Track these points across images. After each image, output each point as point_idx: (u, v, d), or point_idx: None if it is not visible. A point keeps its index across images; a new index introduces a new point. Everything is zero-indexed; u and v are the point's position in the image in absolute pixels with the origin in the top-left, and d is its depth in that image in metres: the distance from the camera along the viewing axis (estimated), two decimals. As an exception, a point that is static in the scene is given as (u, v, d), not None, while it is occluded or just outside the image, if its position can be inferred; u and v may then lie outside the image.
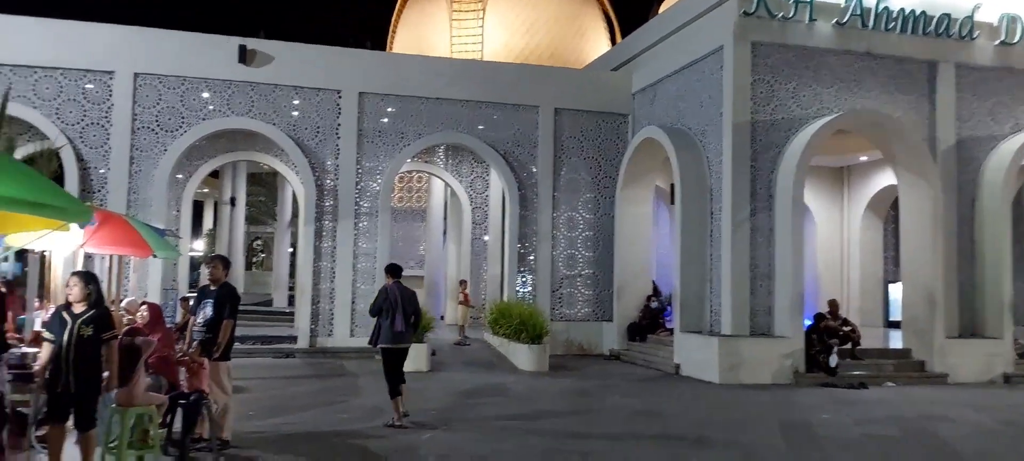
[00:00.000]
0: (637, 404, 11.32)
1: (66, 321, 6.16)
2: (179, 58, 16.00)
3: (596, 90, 18.74)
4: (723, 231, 14.65)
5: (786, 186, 14.25)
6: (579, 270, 18.30)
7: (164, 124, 15.89)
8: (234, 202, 25.97)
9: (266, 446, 7.87)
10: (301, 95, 16.70)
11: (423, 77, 17.61)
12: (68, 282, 6.37)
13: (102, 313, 6.31)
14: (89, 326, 6.13)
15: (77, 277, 6.38)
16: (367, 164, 17.02)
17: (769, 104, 14.69)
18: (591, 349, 17.91)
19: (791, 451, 8.37)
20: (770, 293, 14.45)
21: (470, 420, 9.68)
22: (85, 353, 6.10)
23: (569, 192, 18.29)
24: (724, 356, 13.69)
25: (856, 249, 20.84)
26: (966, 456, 8.31)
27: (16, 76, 15.09)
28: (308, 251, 16.54)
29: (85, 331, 6.11)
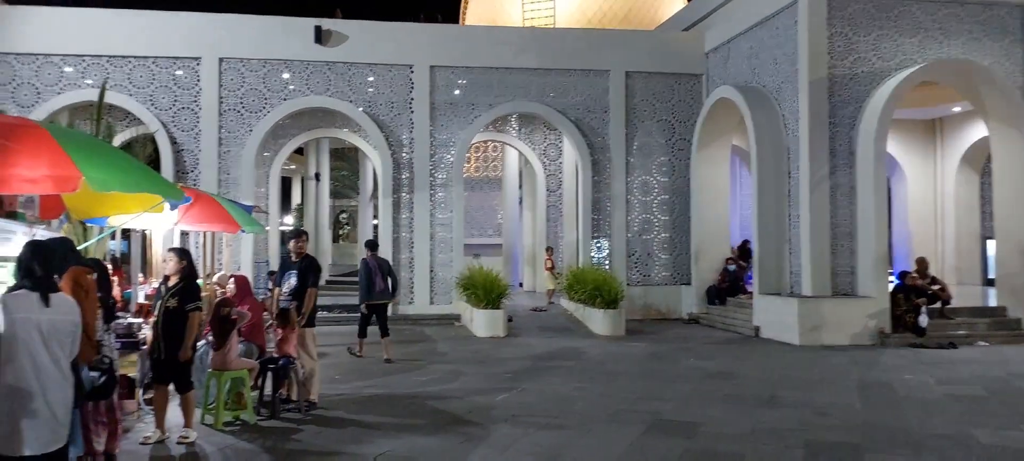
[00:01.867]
0: (712, 366, 11.31)
1: (161, 294, 6.79)
2: (260, 42, 16.65)
3: (668, 51, 18.48)
4: (801, 190, 14.34)
5: (867, 142, 13.80)
6: (655, 234, 18.24)
7: (248, 106, 16.61)
8: (318, 177, 26.85)
9: (350, 407, 8.31)
10: (375, 72, 17.14)
11: (492, 48, 17.77)
12: (165, 257, 6.97)
13: (187, 286, 6.79)
14: (175, 298, 6.67)
15: (172, 252, 6.97)
16: (440, 136, 17.36)
17: (847, 58, 14.20)
18: (669, 313, 17.89)
19: (866, 410, 8.25)
20: (852, 252, 14.11)
21: (543, 382, 9.90)
22: (171, 322, 6.64)
23: (643, 156, 18.18)
24: (804, 317, 13.48)
25: (950, 205, 19.89)
26: (1055, 414, 8.01)
27: (113, 67, 16.07)
28: (388, 223, 17.08)
29: (171, 302, 6.66)
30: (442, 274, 17.17)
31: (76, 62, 15.98)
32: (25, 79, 15.80)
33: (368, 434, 7.07)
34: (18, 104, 15.59)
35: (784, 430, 7.30)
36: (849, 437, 7.07)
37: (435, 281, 17.11)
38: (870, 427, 7.44)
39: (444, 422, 7.57)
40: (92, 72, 16.00)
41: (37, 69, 15.84)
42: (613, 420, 7.71)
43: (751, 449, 6.64)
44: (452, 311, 16.81)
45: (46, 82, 15.87)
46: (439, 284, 17.13)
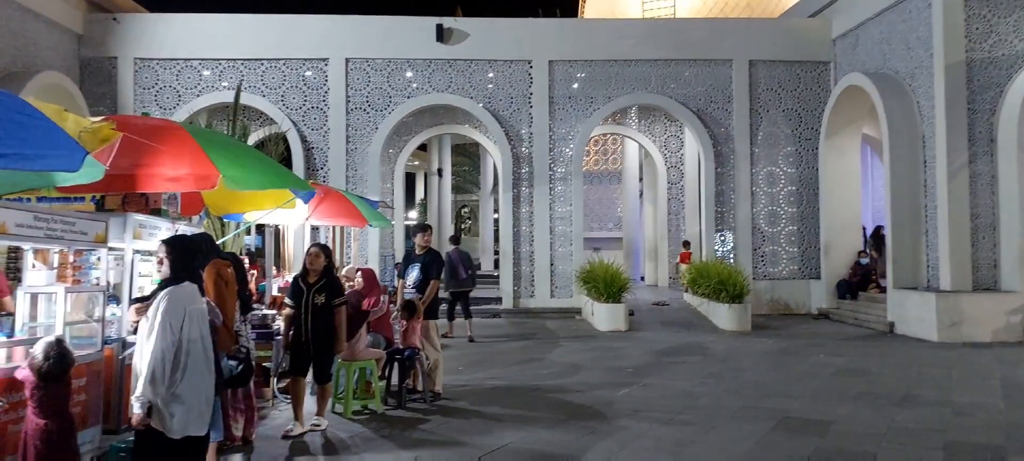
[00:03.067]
0: (843, 363, 10.99)
1: (302, 290, 6.97)
2: (383, 41, 17.38)
3: (793, 39, 17.93)
4: (938, 180, 13.63)
5: (1009, 128, 12.99)
6: (782, 227, 17.77)
7: (373, 104, 17.39)
8: (441, 173, 27.69)
9: (473, 398, 8.65)
10: (494, 68, 17.54)
11: (610, 40, 17.80)
12: (309, 251, 7.14)
13: (333, 282, 7.07)
14: (322, 294, 6.91)
15: (318, 248, 7.15)
16: (559, 130, 17.58)
17: (987, 40, 13.37)
18: (797, 308, 17.42)
19: (1010, 410, 7.84)
20: (995, 245, 13.31)
21: (666, 378, 9.94)
22: (319, 317, 6.90)
23: (768, 146, 17.75)
24: (943, 313, 12.85)
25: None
26: None
27: (247, 69, 17.19)
28: (508, 217, 17.46)
29: (318, 299, 6.90)
30: (562, 268, 17.41)
31: (213, 66, 17.17)
32: (167, 83, 17.13)
33: (492, 425, 7.33)
34: (160, 106, 16.92)
35: (921, 430, 7.07)
36: (991, 438, 6.77)
37: (555, 274, 17.37)
38: (1015, 428, 7.09)
39: (566, 415, 7.76)
40: (228, 75, 17.15)
41: (177, 73, 17.13)
42: (738, 417, 7.69)
43: (885, 449, 6.48)
44: (573, 305, 17.01)
45: (186, 85, 17.13)
46: (559, 278, 17.38)
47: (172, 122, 6.47)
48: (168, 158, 5.13)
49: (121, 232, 5.71)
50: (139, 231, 5.89)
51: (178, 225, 6.41)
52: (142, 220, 5.96)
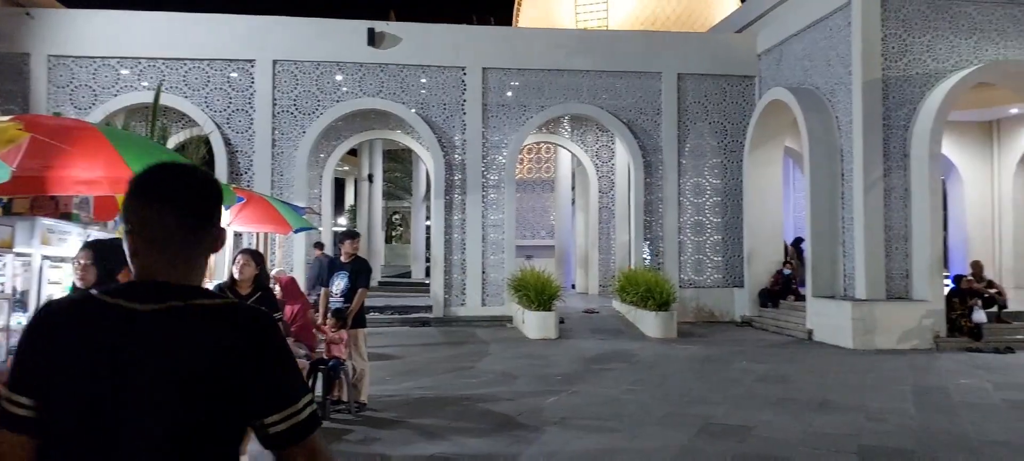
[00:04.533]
0: (764, 370, 11.29)
1: None
2: (313, 44, 17.08)
3: (720, 53, 18.41)
4: (855, 193, 14.18)
5: (922, 144, 13.61)
6: (708, 236, 18.18)
7: (302, 107, 17.06)
8: (371, 179, 27.38)
9: (400, 408, 8.53)
10: (427, 73, 17.44)
11: (544, 49, 17.93)
12: (237, 258, 6.34)
13: (267, 294, 6.30)
14: None
15: (248, 256, 6.32)
16: (492, 138, 17.59)
17: (902, 59, 14.00)
18: (721, 316, 17.83)
19: (920, 415, 8.19)
20: (907, 256, 13.90)
21: (594, 385, 10.02)
22: None
23: (695, 158, 18.14)
24: (858, 321, 13.34)
25: (1008, 207, 19.42)
26: (1118, 425, 7.85)
27: (168, 69, 16.63)
28: (440, 224, 17.36)
29: None
30: (494, 275, 17.40)
31: (132, 64, 16.52)
32: (82, 81, 16.40)
33: (418, 436, 7.25)
34: (75, 106, 16.18)
35: (837, 435, 7.30)
36: (903, 443, 7.05)
37: (487, 283, 17.34)
38: (925, 433, 7.40)
39: (494, 424, 7.74)
40: (148, 74, 16.52)
41: (94, 71, 16.43)
42: (664, 423, 7.80)
43: (802, 454, 6.68)
44: (504, 313, 17.02)
45: (103, 84, 16.45)
46: (491, 286, 17.36)
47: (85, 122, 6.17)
48: (80, 160, 4.91)
49: (29, 237, 5.44)
50: (48, 236, 5.62)
51: (90, 230, 6.13)
52: (51, 225, 5.69)
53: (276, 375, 1.60)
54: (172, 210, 1.62)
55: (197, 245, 1.66)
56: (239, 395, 1.55)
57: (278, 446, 1.60)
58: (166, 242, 1.62)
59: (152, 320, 1.55)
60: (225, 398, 1.54)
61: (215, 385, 1.53)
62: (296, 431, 1.60)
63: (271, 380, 1.59)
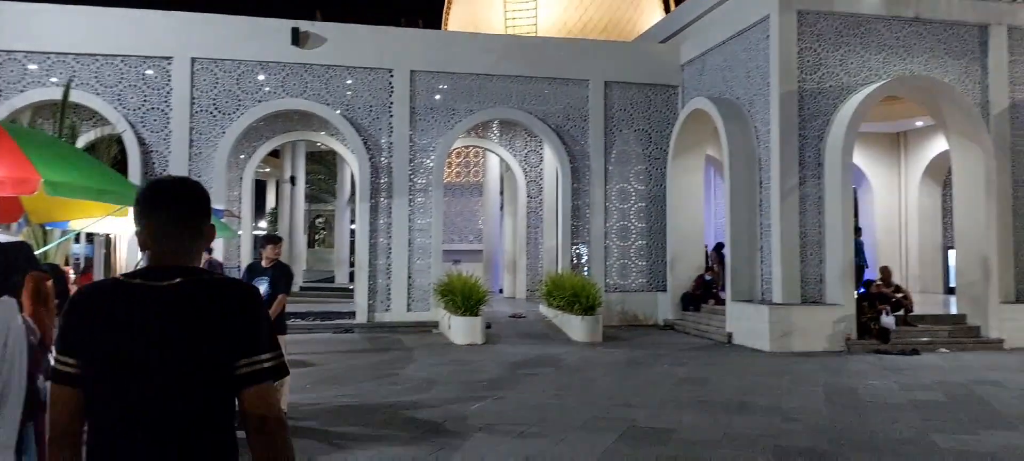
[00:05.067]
0: (686, 372, 11.53)
1: None
2: (234, 42, 16.62)
3: (645, 62, 18.76)
4: (772, 200, 14.64)
5: (834, 154, 14.16)
6: (633, 241, 18.48)
7: (221, 107, 16.56)
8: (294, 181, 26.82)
9: (322, 417, 8.36)
10: (354, 75, 17.19)
11: (473, 54, 17.91)
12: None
13: None
14: None
15: None
16: (420, 141, 17.45)
17: (816, 72, 14.55)
18: (645, 320, 18.13)
19: (831, 415, 8.50)
20: (821, 261, 14.43)
21: (519, 390, 10.04)
22: None
23: (621, 164, 18.42)
24: (775, 324, 13.76)
25: (914, 215, 20.46)
26: (1008, 418, 8.31)
27: (79, 65, 15.90)
28: (365, 228, 17.10)
29: None
30: (420, 280, 17.24)
31: (41, 59, 15.73)
32: (-14, 76, 15.57)
33: (340, 445, 7.11)
34: (-22, 102, 15.35)
35: (754, 436, 7.50)
36: (816, 442, 7.29)
37: (413, 288, 17.17)
38: (836, 432, 7.68)
39: (418, 432, 7.66)
40: (57, 70, 15.75)
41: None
42: (587, 428, 7.86)
43: (722, 455, 6.83)
44: (430, 318, 16.87)
45: (8, 79, 15.59)
46: (417, 291, 17.20)
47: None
48: (-18, 159, 4.65)
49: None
50: (-60, 238, 5.26)
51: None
52: (-56, 226, 5.34)
53: (249, 331, 2.09)
54: (170, 214, 2.17)
55: (192, 238, 2.20)
56: (223, 342, 2.05)
57: (240, 386, 2.07)
58: (168, 237, 2.16)
59: (167, 292, 2.08)
60: (216, 345, 2.05)
61: (211, 337, 2.05)
62: (255, 376, 2.07)
63: (244, 333, 2.08)
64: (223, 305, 2.09)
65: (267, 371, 2.09)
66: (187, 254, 2.18)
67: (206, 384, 2.05)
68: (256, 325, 2.12)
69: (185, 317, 2.05)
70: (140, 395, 2.01)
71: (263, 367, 2.08)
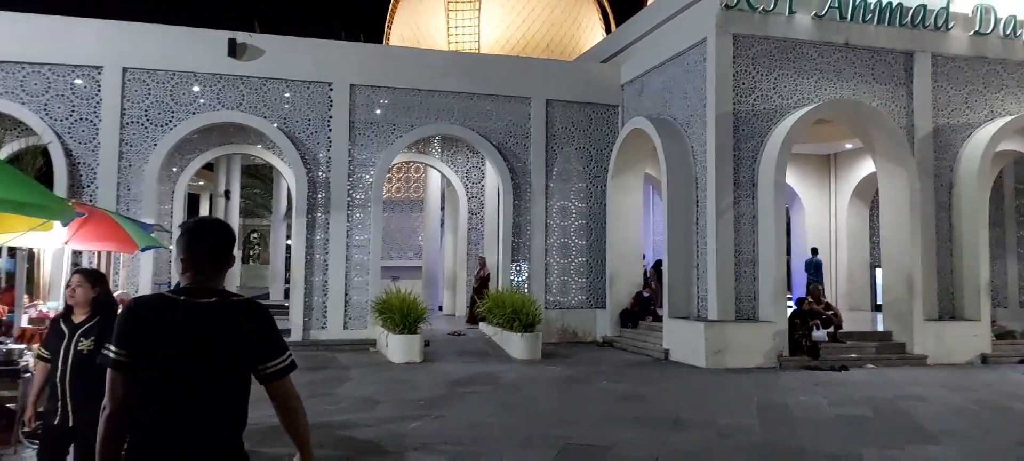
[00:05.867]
0: (623, 389, 11.61)
1: (64, 333, 4.84)
2: (168, 52, 16.17)
3: (587, 82, 18.97)
4: (708, 219, 14.91)
5: (768, 174, 14.51)
6: (573, 258, 18.57)
7: (153, 119, 16.09)
8: (228, 195, 26.19)
9: (254, 438, 8.04)
10: (292, 88, 16.91)
11: (415, 69, 17.82)
12: (70, 281, 5.13)
13: (106, 323, 4.77)
14: (89, 338, 4.78)
15: (82, 276, 5.10)
16: (360, 156, 17.24)
17: (751, 95, 14.93)
18: (584, 336, 18.20)
19: (764, 430, 8.66)
20: (755, 279, 14.73)
21: (458, 409, 9.94)
22: (85, 374, 4.66)
23: (562, 181, 18.53)
24: (710, 341, 13.97)
25: (843, 234, 21.14)
26: (932, 433, 8.59)
27: (3, 73, 15.24)
28: (301, 244, 16.77)
29: (84, 345, 4.77)
30: (357, 298, 16.97)
31: (-39, 67, 15.07)
32: (-98, 84, 14.79)
33: (276, 463, 6.93)
34: None
35: (689, 452, 7.58)
36: (748, 458, 7.40)
37: (350, 305, 16.88)
38: (767, 447, 7.81)
39: (354, 452, 7.51)
40: (-22, 78, 15.11)
41: (-85, 73, 14.85)
42: (525, 446, 7.83)
43: (656, 473, 6.86)
44: (367, 336, 16.61)
45: (-74, 87, 14.89)
46: (354, 308, 16.91)
47: None
48: None
49: None
50: None
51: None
52: None
53: (271, 339, 2.89)
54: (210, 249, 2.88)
55: (222, 266, 2.93)
56: (251, 349, 2.83)
57: (270, 381, 2.87)
58: (205, 265, 2.87)
59: (204, 309, 2.79)
60: (244, 352, 2.81)
61: (239, 345, 2.79)
62: (281, 372, 2.89)
63: (268, 341, 2.88)
64: (251, 321, 2.85)
65: (288, 367, 2.91)
66: (219, 279, 2.91)
67: (230, 378, 2.79)
68: (276, 335, 2.91)
69: (221, 329, 2.78)
70: (182, 385, 2.73)
71: (285, 365, 2.91)
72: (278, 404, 2.91)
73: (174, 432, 2.71)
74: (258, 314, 2.87)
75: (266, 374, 2.84)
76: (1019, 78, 16.52)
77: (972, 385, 12.10)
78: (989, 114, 16.22)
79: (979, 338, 15.06)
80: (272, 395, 2.89)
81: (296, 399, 2.94)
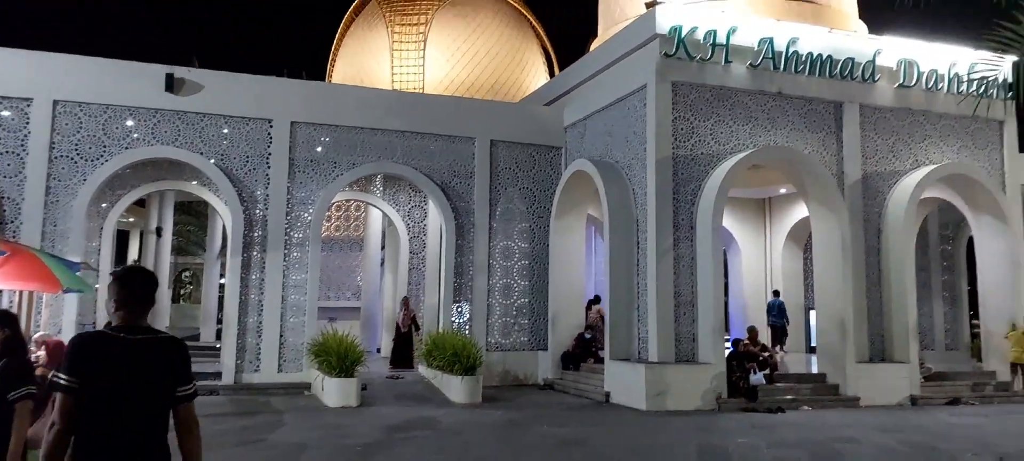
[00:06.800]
0: (564, 434, 11.50)
1: None
2: (102, 85, 15.72)
3: (531, 123, 19.11)
4: (649, 261, 15.05)
5: (706, 218, 14.78)
6: (515, 299, 18.49)
7: (84, 153, 15.56)
8: (160, 232, 25.39)
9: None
10: (231, 124, 16.57)
11: (358, 107, 17.69)
12: None
13: (13, 365, 4.86)
14: None
15: None
16: (299, 194, 16.94)
17: (689, 140, 15.24)
18: (526, 379, 18.06)
19: (703, 477, 8.66)
20: (694, 320, 14.88)
21: (394, 456, 9.70)
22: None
23: (505, 222, 18.52)
24: (650, 383, 14.00)
25: (779, 277, 21.60)
26: (867, 478, 8.72)
27: (-75, 103, 14.60)
28: (235, 283, 16.29)
29: None
30: (293, 340, 16.52)
31: None
32: None
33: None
34: None
35: (627, 500, 7.50)
36: (687, 505, 7.36)
37: (285, 347, 16.40)
38: (706, 495, 7.79)
39: (286, 500, 7.21)
40: None
41: None
42: (462, 493, 7.64)
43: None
44: (303, 379, 16.15)
45: None
46: (289, 350, 16.45)
47: None
48: None
49: None
50: None
51: None
52: None
53: (186, 369, 3.55)
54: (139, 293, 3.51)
55: (148, 307, 3.56)
56: (172, 375, 3.45)
57: (179, 403, 3.48)
58: (136, 306, 3.49)
59: (138, 344, 3.41)
60: (168, 379, 3.44)
61: (166, 374, 3.44)
62: (190, 396, 3.53)
63: (185, 370, 3.54)
64: (176, 353, 3.52)
65: (195, 393, 3.57)
66: (145, 318, 3.53)
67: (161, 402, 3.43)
68: (188, 365, 3.57)
69: (155, 360, 3.42)
70: (122, 407, 3.32)
71: (194, 390, 3.55)
72: (181, 425, 3.49)
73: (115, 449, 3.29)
74: (180, 347, 3.56)
75: (178, 397, 3.44)
76: (941, 128, 17.29)
77: (902, 427, 12.37)
78: (914, 163, 16.89)
79: (908, 380, 15.47)
80: (178, 417, 3.48)
81: (197, 423, 3.55)
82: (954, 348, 20.16)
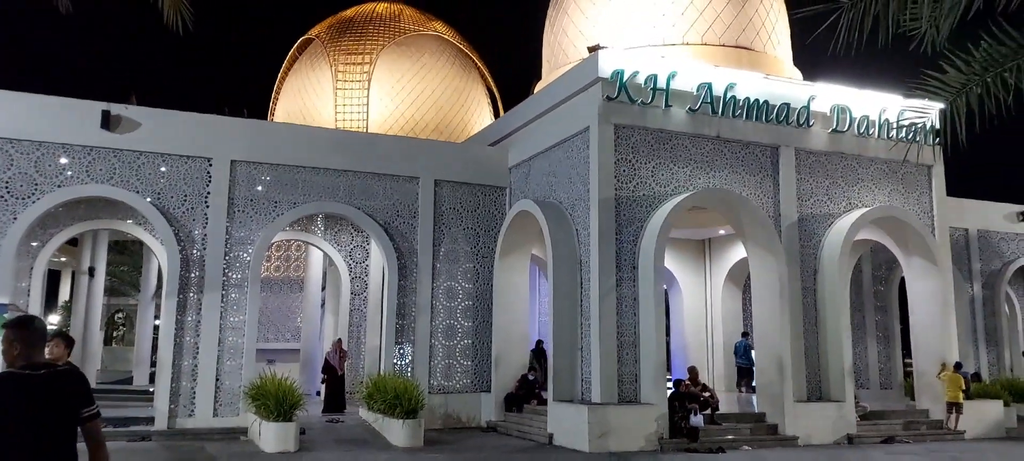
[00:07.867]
0: (506, 476, 11.36)
1: None
2: (34, 121, 15.24)
3: (475, 163, 19.17)
4: (592, 301, 15.12)
5: (647, 258, 14.96)
6: (458, 340, 18.33)
7: (15, 191, 15.02)
8: (93, 272, 24.51)
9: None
10: (168, 162, 16.21)
11: (299, 146, 17.50)
12: None
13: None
14: None
15: None
16: (238, 233, 16.60)
17: (631, 181, 15.49)
18: (469, 421, 17.84)
19: (645, 519, 8.62)
20: (636, 360, 14.96)
21: (331, 500, 9.42)
22: None
23: (449, 262, 18.43)
24: (593, 424, 13.95)
25: (719, 316, 21.96)
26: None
27: None
28: (170, 325, 15.79)
29: None
30: (229, 383, 16.03)
31: None
32: None
33: None
34: None
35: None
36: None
37: (221, 390, 15.91)
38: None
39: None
40: None
41: None
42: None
43: None
44: (239, 424, 15.64)
45: None
46: (225, 394, 15.95)
47: None
48: None
49: None
50: None
51: None
52: None
53: (87, 395, 4.19)
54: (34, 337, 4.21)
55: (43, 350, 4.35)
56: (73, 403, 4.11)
57: (85, 423, 4.13)
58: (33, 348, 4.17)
59: (39, 379, 4.06)
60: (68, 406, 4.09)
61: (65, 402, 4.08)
62: (93, 417, 4.17)
63: (84, 396, 4.17)
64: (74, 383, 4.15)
65: (98, 413, 4.19)
66: (43, 357, 4.26)
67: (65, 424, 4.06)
68: (89, 390, 4.21)
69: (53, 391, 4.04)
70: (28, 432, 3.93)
71: (96, 411, 4.18)
72: (90, 439, 4.12)
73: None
74: (80, 377, 4.24)
75: (82, 418, 4.09)
76: (873, 173, 17.93)
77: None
78: (847, 205, 17.46)
79: (844, 419, 15.77)
80: (87, 434, 4.11)
81: (102, 437, 4.18)
82: (888, 386, 20.73)
